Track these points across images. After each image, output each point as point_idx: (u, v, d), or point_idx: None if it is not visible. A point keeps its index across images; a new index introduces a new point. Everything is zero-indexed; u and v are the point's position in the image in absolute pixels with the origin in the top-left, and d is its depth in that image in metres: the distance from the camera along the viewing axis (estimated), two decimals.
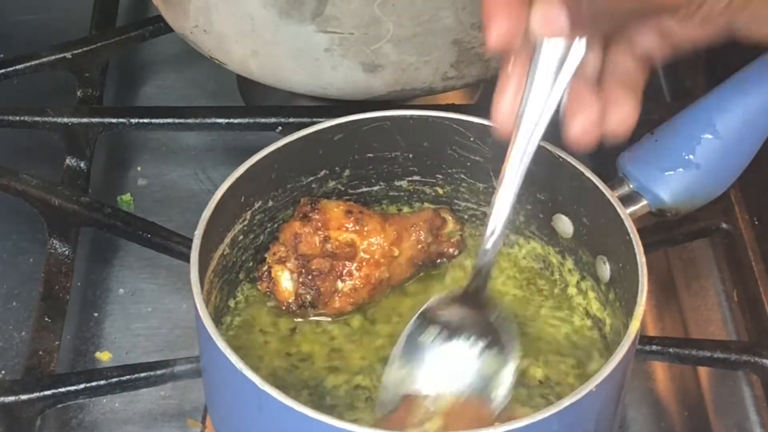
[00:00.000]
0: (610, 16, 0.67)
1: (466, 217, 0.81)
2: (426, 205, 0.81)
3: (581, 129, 0.69)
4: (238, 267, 0.77)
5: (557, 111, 0.69)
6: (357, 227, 0.76)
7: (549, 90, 0.68)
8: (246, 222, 0.76)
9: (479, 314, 0.71)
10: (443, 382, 0.70)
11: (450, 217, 0.80)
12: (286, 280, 0.76)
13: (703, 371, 0.85)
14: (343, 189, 0.80)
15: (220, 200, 0.72)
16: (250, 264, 0.78)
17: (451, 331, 0.71)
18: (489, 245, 0.70)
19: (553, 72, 0.67)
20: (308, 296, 0.75)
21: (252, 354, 0.74)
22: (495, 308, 0.72)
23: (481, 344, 0.70)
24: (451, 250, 0.80)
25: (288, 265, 0.76)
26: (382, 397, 0.71)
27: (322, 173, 0.78)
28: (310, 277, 0.75)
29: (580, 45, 0.67)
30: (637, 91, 0.70)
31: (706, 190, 0.79)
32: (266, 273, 0.76)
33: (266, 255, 0.77)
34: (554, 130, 0.90)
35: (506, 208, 0.69)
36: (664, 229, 0.86)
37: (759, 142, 0.79)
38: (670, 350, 0.79)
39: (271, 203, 0.77)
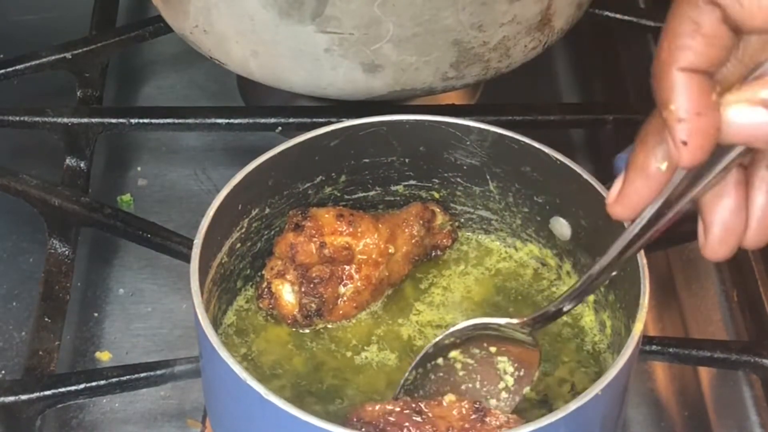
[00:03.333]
0: None
1: (462, 220, 0.81)
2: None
3: (720, 236, 0.59)
4: (236, 275, 0.77)
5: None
6: (351, 229, 0.76)
7: (691, 186, 0.58)
8: (243, 230, 0.75)
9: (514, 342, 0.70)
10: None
11: (438, 209, 0.80)
12: (287, 293, 0.76)
13: (703, 371, 0.85)
14: (339, 195, 0.79)
15: (217, 209, 0.71)
16: (248, 272, 0.78)
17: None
18: (569, 305, 0.68)
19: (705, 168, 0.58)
20: (313, 305, 0.75)
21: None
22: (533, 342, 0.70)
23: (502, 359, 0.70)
24: (444, 241, 0.80)
25: (288, 277, 0.76)
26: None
27: (319, 179, 0.78)
28: (311, 285, 0.75)
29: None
30: None
31: None
32: (266, 290, 0.76)
33: (263, 272, 0.77)
34: (551, 132, 0.90)
35: (604, 275, 0.66)
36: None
37: None
38: (670, 350, 0.79)
39: (268, 210, 0.77)
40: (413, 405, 0.66)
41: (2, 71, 0.97)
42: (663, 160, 0.59)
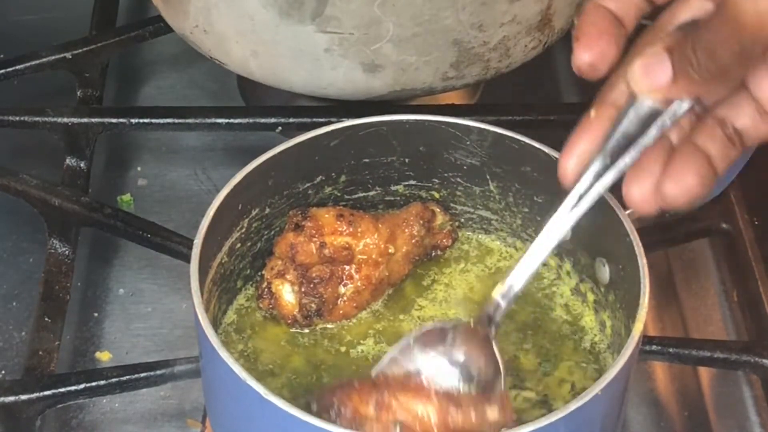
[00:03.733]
0: (725, 74, 0.59)
1: (462, 220, 0.81)
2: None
3: (640, 196, 0.63)
4: (236, 275, 0.77)
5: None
6: (351, 229, 0.76)
7: (628, 149, 0.63)
8: (243, 230, 0.75)
9: (473, 351, 0.69)
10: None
11: (438, 209, 0.80)
12: (287, 293, 0.76)
13: (703, 371, 0.85)
14: (339, 195, 0.79)
15: (217, 209, 0.71)
16: (248, 272, 0.78)
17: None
18: (503, 300, 0.68)
19: (637, 131, 0.62)
20: (313, 305, 0.75)
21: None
22: (490, 352, 0.69)
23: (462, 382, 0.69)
24: (444, 241, 0.80)
25: (288, 277, 0.76)
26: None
27: (319, 179, 0.78)
28: (311, 285, 0.75)
29: (678, 107, 0.62)
30: (711, 171, 0.62)
31: None
32: (266, 290, 0.76)
33: (263, 272, 0.77)
34: (551, 132, 0.90)
35: (533, 267, 0.67)
36: (664, 229, 0.86)
37: None
38: (670, 350, 0.79)
39: (267, 210, 0.77)
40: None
41: (2, 71, 0.97)
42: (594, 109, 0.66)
